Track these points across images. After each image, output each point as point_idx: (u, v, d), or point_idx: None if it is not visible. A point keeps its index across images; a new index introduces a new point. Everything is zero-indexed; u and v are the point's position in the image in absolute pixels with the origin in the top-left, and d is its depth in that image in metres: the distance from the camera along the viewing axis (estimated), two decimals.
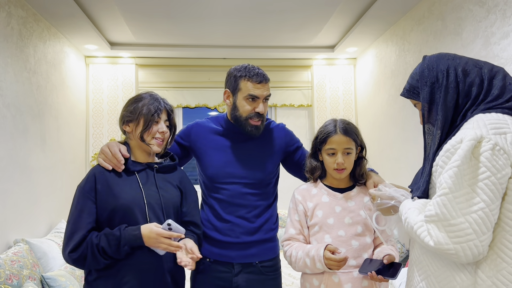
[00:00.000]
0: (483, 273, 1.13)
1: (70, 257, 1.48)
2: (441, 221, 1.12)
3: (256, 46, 4.52)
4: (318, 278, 1.61)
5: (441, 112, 1.25)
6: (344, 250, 1.59)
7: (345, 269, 1.58)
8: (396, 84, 3.84)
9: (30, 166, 3.19)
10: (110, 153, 1.59)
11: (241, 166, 1.78)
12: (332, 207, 1.64)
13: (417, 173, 1.38)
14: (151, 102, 1.61)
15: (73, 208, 1.54)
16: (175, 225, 1.48)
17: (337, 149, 1.63)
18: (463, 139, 1.13)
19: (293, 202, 1.72)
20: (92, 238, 1.48)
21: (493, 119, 1.15)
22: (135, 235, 1.47)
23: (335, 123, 1.68)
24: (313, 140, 1.73)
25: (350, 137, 1.65)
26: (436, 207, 1.13)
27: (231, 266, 1.76)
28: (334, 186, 1.70)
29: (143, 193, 1.57)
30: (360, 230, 1.62)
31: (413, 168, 3.47)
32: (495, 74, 1.24)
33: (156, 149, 1.62)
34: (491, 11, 2.55)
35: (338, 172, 1.64)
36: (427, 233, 1.15)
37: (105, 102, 4.64)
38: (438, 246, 1.12)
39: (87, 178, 1.57)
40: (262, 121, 1.79)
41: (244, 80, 1.74)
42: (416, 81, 1.34)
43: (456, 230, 1.10)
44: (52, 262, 2.85)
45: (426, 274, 1.25)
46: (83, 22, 3.57)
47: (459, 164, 1.11)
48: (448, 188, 1.11)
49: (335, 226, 1.61)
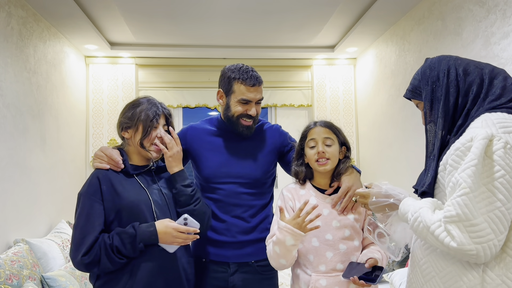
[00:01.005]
0: (492, 272, 1.13)
1: (82, 262, 1.44)
2: (462, 221, 1.10)
3: (256, 46, 4.52)
4: (306, 282, 1.58)
5: (442, 110, 1.26)
6: (332, 254, 1.57)
7: (333, 273, 1.56)
8: (396, 84, 3.84)
9: (30, 166, 3.19)
10: (105, 156, 1.58)
11: (237, 166, 1.79)
12: (319, 210, 1.59)
13: (422, 174, 1.38)
14: (149, 107, 1.60)
15: (78, 214, 1.50)
16: (191, 219, 1.48)
17: (317, 139, 1.62)
18: (473, 137, 1.13)
19: (281, 199, 1.69)
20: (104, 239, 1.45)
21: (500, 118, 1.16)
22: (151, 232, 1.46)
23: (315, 121, 1.71)
24: (298, 143, 1.72)
25: (330, 129, 1.65)
26: (457, 207, 1.11)
27: (227, 265, 1.76)
28: (321, 187, 1.67)
29: (147, 192, 1.57)
30: (347, 233, 1.59)
31: (413, 168, 3.47)
32: (496, 75, 1.26)
33: (155, 155, 1.62)
34: (491, 11, 2.55)
35: (320, 164, 1.61)
36: (447, 234, 1.12)
37: (105, 102, 4.64)
38: (461, 247, 1.09)
39: (90, 181, 1.54)
40: (254, 121, 1.80)
41: (238, 82, 1.75)
42: (418, 81, 1.35)
43: (477, 230, 1.08)
44: (52, 262, 2.85)
45: (430, 275, 1.25)
46: (83, 22, 3.57)
47: (476, 163, 1.10)
48: (469, 187, 1.10)
49: (322, 229, 1.57)
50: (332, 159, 1.62)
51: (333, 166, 1.64)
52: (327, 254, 1.57)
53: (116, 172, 1.57)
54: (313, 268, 1.58)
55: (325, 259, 1.57)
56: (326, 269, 1.56)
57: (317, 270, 1.57)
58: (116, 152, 1.60)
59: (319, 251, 1.58)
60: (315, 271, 1.57)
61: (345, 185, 1.61)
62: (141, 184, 1.58)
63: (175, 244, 1.49)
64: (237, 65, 1.80)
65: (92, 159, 4.44)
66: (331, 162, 1.62)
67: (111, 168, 1.57)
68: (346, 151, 1.69)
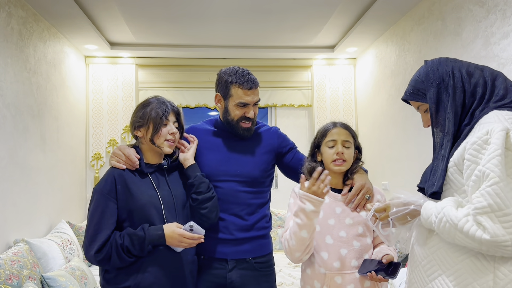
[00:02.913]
0: (505, 268, 1.12)
1: (95, 258, 1.55)
2: (494, 211, 1.08)
3: (256, 46, 4.52)
4: (320, 280, 1.60)
5: (451, 110, 1.27)
6: (346, 251, 1.60)
7: (347, 270, 1.58)
8: (396, 84, 3.84)
9: (30, 166, 3.19)
10: (123, 155, 1.66)
11: (235, 164, 1.83)
12: (332, 208, 1.64)
13: (425, 172, 1.38)
14: (159, 105, 1.69)
15: (93, 210, 1.60)
16: (197, 227, 1.58)
17: (337, 140, 1.66)
18: (489, 131, 1.14)
19: (293, 197, 1.72)
20: (116, 238, 1.56)
21: (508, 115, 1.19)
22: (159, 235, 1.57)
23: (335, 122, 1.75)
24: (312, 140, 1.75)
25: (349, 131, 1.70)
26: (488, 197, 1.09)
27: (225, 262, 1.79)
28: (333, 186, 1.69)
29: (158, 194, 1.65)
30: (361, 230, 1.62)
31: (413, 168, 3.47)
32: (496, 76, 1.29)
33: (168, 150, 1.71)
34: (491, 11, 2.55)
35: (337, 164, 1.65)
36: (478, 227, 1.09)
37: (105, 102, 4.64)
38: (495, 239, 1.07)
39: (106, 179, 1.63)
40: (253, 122, 1.85)
41: (235, 86, 1.79)
42: (421, 83, 1.36)
43: (510, 220, 1.06)
44: (52, 262, 2.86)
45: (436, 274, 1.24)
46: (83, 22, 3.58)
47: (501, 153, 1.10)
48: (498, 176, 1.09)
49: (336, 227, 1.61)
50: (348, 161, 1.67)
51: (347, 168, 1.69)
52: (341, 251, 1.59)
53: (131, 171, 1.66)
54: (327, 265, 1.60)
55: (339, 256, 1.59)
56: (340, 266, 1.59)
57: (331, 268, 1.59)
58: (133, 152, 1.69)
59: (333, 248, 1.60)
60: (329, 268, 1.59)
61: (358, 184, 1.66)
62: (153, 184, 1.67)
63: (181, 247, 1.60)
64: (233, 68, 1.83)
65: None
66: (347, 164, 1.67)
67: (127, 168, 1.66)
68: (358, 153, 1.74)
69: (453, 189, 1.25)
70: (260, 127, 1.95)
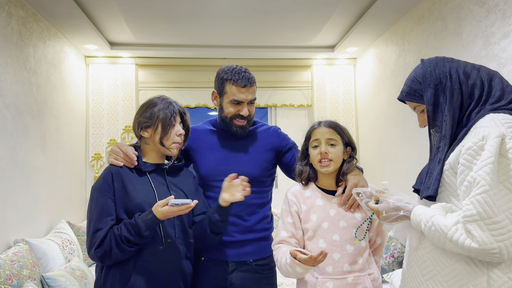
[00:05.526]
0: (499, 270, 1.12)
1: (95, 254, 1.54)
2: (483, 219, 1.08)
3: (256, 46, 4.52)
4: (312, 285, 1.56)
5: (449, 112, 1.26)
6: (339, 255, 1.55)
7: (339, 275, 1.53)
8: (396, 84, 3.84)
9: (30, 166, 3.19)
10: (122, 152, 1.64)
11: (234, 163, 1.81)
12: (326, 211, 1.59)
13: (421, 173, 1.37)
14: (166, 106, 1.66)
15: (92, 208, 1.59)
16: (181, 201, 1.51)
17: (320, 139, 1.60)
18: (485, 136, 1.14)
19: (286, 203, 1.68)
20: (114, 230, 1.54)
21: (506, 118, 1.18)
22: (151, 218, 1.52)
23: (320, 121, 1.69)
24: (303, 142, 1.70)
25: (334, 130, 1.63)
26: (477, 205, 1.09)
27: (225, 264, 1.77)
28: (326, 188, 1.65)
29: (155, 193, 1.63)
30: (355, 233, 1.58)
31: (413, 168, 3.47)
32: (492, 76, 1.27)
33: (175, 152, 1.69)
34: (491, 11, 2.55)
35: (323, 165, 1.59)
36: (467, 235, 1.10)
37: (105, 102, 4.64)
38: (483, 247, 1.07)
39: (104, 177, 1.61)
40: (248, 121, 1.82)
41: (229, 83, 1.77)
42: (418, 84, 1.33)
43: (499, 228, 1.07)
44: (52, 262, 2.86)
45: (431, 274, 1.24)
46: (83, 22, 3.57)
47: (493, 160, 1.10)
48: (488, 185, 1.08)
49: (329, 230, 1.56)
50: (335, 160, 1.60)
51: (336, 167, 1.62)
52: (334, 255, 1.54)
53: (129, 169, 1.64)
54: (320, 270, 1.55)
55: (332, 261, 1.54)
56: (333, 271, 1.54)
57: (323, 272, 1.54)
58: (132, 149, 1.66)
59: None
60: (322, 273, 1.54)
61: (351, 183, 1.60)
62: (152, 184, 1.64)
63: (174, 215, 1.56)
64: (230, 66, 1.82)
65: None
66: (333, 164, 1.60)
67: (125, 165, 1.63)
68: (351, 151, 1.66)
69: (449, 191, 1.24)
70: (259, 126, 1.94)
